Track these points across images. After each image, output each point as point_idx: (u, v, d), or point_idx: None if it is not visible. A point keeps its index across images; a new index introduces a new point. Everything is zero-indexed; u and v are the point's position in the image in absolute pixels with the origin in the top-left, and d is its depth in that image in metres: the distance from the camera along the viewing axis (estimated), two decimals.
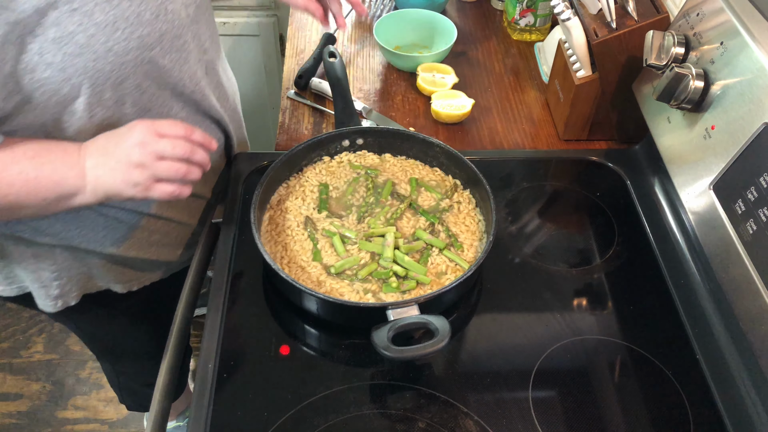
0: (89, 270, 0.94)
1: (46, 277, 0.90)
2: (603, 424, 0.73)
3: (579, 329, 0.82)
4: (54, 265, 0.89)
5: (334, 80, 1.03)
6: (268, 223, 0.90)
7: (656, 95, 0.83)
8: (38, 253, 0.88)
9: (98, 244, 0.90)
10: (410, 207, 0.92)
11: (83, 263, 0.92)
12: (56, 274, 0.90)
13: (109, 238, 0.91)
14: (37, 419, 1.75)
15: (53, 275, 0.90)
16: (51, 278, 0.90)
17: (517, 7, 1.31)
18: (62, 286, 0.92)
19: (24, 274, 0.91)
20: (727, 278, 0.74)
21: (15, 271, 0.91)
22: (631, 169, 1.02)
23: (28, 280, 0.91)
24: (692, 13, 0.85)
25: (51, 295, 0.92)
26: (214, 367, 0.77)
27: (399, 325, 0.73)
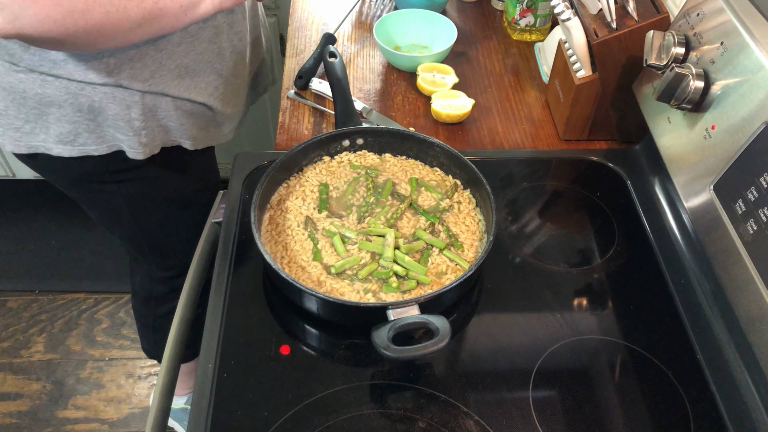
0: (167, 122, 1.03)
1: (137, 126, 0.99)
2: (603, 424, 0.73)
3: (579, 329, 0.82)
4: (142, 115, 0.98)
5: (334, 80, 1.03)
6: (268, 223, 0.90)
7: (656, 95, 0.83)
8: (131, 103, 0.96)
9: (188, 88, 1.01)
10: (410, 207, 0.92)
11: (163, 113, 1.01)
12: (144, 123, 0.99)
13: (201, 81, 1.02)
14: (37, 419, 1.75)
15: (142, 124, 0.99)
16: (140, 127, 0.99)
17: (517, 7, 1.31)
18: (148, 135, 1.01)
19: (115, 127, 0.98)
20: (727, 278, 0.75)
21: (106, 129, 0.99)
22: (631, 169, 1.02)
23: (121, 132, 0.99)
24: (692, 13, 0.85)
25: (142, 143, 1.01)
26: (214, 367, 0.77)
27: (399, 325, 0.73)
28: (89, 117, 0.97)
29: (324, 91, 1.19)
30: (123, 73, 0.93)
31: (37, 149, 1.00)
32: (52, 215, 2.21)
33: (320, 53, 1.23)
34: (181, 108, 1.02)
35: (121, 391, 1.81)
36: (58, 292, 2.02)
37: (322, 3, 1.45)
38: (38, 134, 0.98)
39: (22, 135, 0.98)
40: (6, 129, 0.98)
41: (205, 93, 1.03)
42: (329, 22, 1.39)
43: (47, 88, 0.92)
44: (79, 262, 2.11)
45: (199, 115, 1.06)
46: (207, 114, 1.07)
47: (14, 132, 0.98)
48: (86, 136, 0.99)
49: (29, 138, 0.99)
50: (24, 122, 0.97)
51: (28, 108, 0.95)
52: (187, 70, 0.99)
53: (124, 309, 1.99)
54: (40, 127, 0.97)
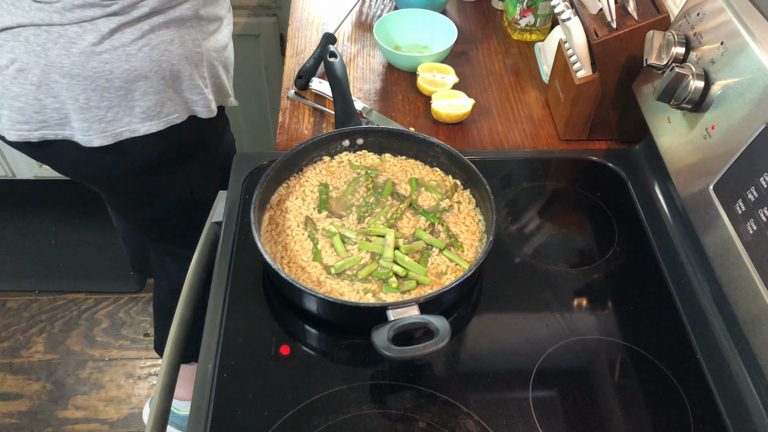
0: (216, 77, 1.10)
1: (203, 85, 1.05)
2: (603, 424, 0.73)
3: (579, 329, 0.82)
4: (206, 72, 1.06)
5: (334, 80, 1.03)
6: (268, 223, 0.90)
7: (656, 95, 0.83)
8: (197, 62, 1.03)
9: None
10: (410, 207, 0.92)
11: (214, 69, 1.09)
12: (207, 82, 1.06)
13: None
14: (37, 419, 1.75)
15: (206, 82, 1.06)
16: (204, 85, 1.06)
17: (517, 7, 1.31)
18: (212, 92, 1.09)
19: (190, 89, 1.04)
20: (727, 278, 0.74)
21: (182, 94, 1.05)
22: (631, 169, 1.02)
23: (195, 92, 1.05)
24: (692, 13, 0.85)
25: (210, 100, 1.08)
26: (214, 367, 0.77)
27: (399, 325, 0.73)
28: (171, 83, 1.01)
29: (324, 91, 1.19)
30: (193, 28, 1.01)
31: (122, 135, 1.01)
32: (52, 215, 2.21)
33: (320, 53, 1.23)
34: (221, 59, 1.10)
35: (121, 391, 1.81)
36: (58, 292, 2.02)
37: (322, 3, 1.45)
38: (122, 118, 1.00)
39: (107, 125, 1.00)
40: (91, 123, 0.99)
41: (226, 34, 1.11)
42: (329, 22, 1.39)
43: (132, 62, 0.94)
44: (79, 262, 2.11)
45: (228, 65, 1.14)
46: (229, 61, 1.15)
47: (99, 123, 0.99)
48: (169, 105, 1.02)
49: (114, 126, 1.00)
50: (107, 110, 0.98)
51: (113, 91, 0.96)
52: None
53: (124, 309, 1.99)
54: (123, 110, 0.99)
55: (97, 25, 0.92)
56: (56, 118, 0.99)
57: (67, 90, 0.95)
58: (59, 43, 0.91)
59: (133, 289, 2.03)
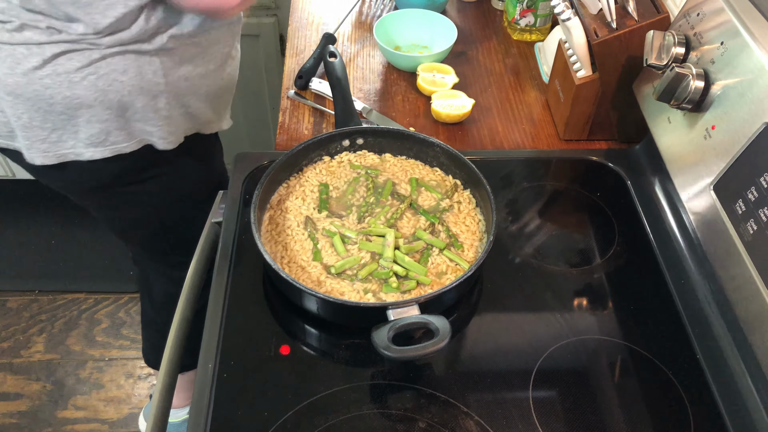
0: (188, 107, 1.05)
1: (163, 116, 1.01)
2: (603, 424, 0.73)
3: (579, 329, 0.82)
4: (168, 104, 1.00)
5: (334, 80, 1.03)
6: (268, 223, 0.90)
7: (656, 95, 0.83)
8: (156, 93, 0.97)
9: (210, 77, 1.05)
10: (410, 207, 0.92)
11: (186, 98, 1.03)
12: (169, 111, 1.01)
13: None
14: (37, 419, 1.75)
15: (168, 114, 1.01)
16: (166, 116, 1.01)
17: (517, 7, 1.31)
18: (174, 122, 1.03)
19: (144, 119, 0.99)
20: (727, 278, 0.74)
21: (134, 124, 1.00)
22: (631, 169, 1.02)
23: (149, 123, 1.00)
24: (692, 13, 0.85)
25: (170, 132, 1.03)
26: (214, 367, 0.77)
27: (399, 325, 0.73)
28: (119, 113, 0.97)
29: (324, 91, 1.19)
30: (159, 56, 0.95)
31: (67, 157, 0.99)
32: (52, 215, 2.21)
33: (320, 53, 1.23)
34: (199, 88, 1.04)
35: (121, 391, 1.80)
36: (58, 292, 2.02)
37: (322, 3, 1.45)
38: (66, 141, 0.98)
39: (50, 145, 0.98)
40: (33, 142, 0.97)
41: (219, 60, 1.05)
42: (329, 22, 1.39)
43: (75, 89, 0.92)
44: (79, 262, 2.11)
45: (214, 93, 1.09)
46: (218, 88, 1.10)
47: (41, 143, 0.97)
48: (116, 134, 0.99)
49: (57, 147, 0.98)
50: (50, 131, 0.96)
51: (56, 114, 0.94)
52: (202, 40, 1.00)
53: (124, 309, 1.99)
54: (68, 133, 0.97)
55: (43, 49, 0.89)
56: (5, 131, 0.99)
57: (11, 107, 0.94)
58: (6, 61, 0.90)
59: (133, 289, 2.03)
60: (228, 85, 1.12)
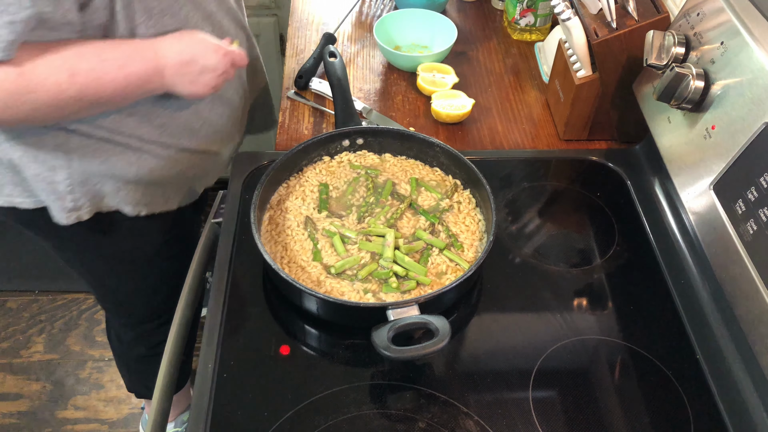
0: (101, 187, 0.96)
1: (61, 191, 0.92)
2: (603, 424, 0.73)
3: (579, 329, 0.82)
4: (69, 179, 0.92)
5: (334, 80, 1.03)
6: (268, 223, 0.90)
7: (656, 95, 0.83)
8: (55, 166, 0.90)
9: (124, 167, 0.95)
10: (410, 207, 0.92)
11: (97, 178, 0.95)
12: (70, 188, 0.93)
13: (135, 165, 0.95)
14: (37, 419, 1.74)
15: (68, 189, 0.93)
16: (65, 191, 0.93)
17: (517, 7, 1.31)
18: (76, 200, 0.94)
19: (40, 186, 0.93)
20: (727, 278, 0.74)
21: (30, 185, 0.93)
22: (631, 169, 1.02)
23: (44, 193, 0.93)
24: (692, 12, 0.85)
25: (66, 208, 0.94)
26: (214, 367, 0.77)
27: (399, 325, 0.73)
28: (12, 170, 0.92)
29: (324, 91, 1.19)
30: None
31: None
32: None
33: (320, 53, 1.23)
34: (121, 174, 0.95)
35: (120, 391, 1.80)
36: (58, 292, 2.02)
37: (322, 3, 1.45)
38: None
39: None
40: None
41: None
42: (329, 22, 1.39)
43: None
44: None
45: (146, 179, 0.98)
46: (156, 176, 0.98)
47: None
48: (11, 187, 0.94)
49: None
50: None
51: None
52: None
53: None
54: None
55: None
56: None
57: None
58: None
59: None
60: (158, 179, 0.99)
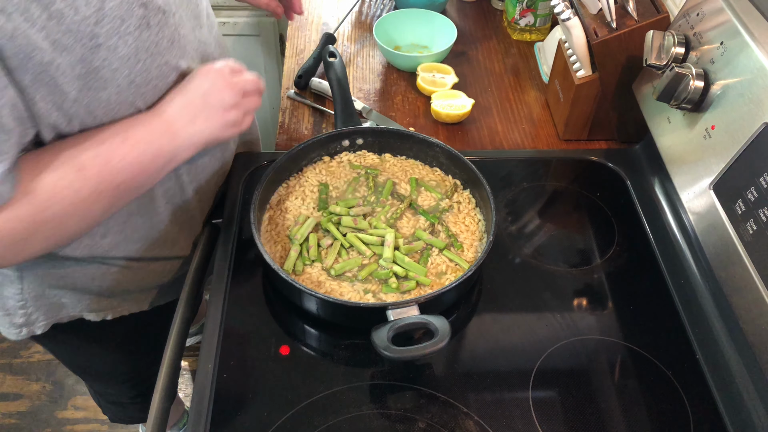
0: (59, 299, 0.90)
1: (11, 306, 0.87)
2: (603, 424, 0.73)
3: (579, 329, 0.82)
4: (20, 294, 0.86)
5: (334, 80, 1.03)
6: (268, 223, 0.90)
7: (656, 95, 0.83)
8: (2, 282, 0.85)
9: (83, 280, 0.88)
10: (410, 207, 0.92)
11: (54, 291, 0.89)
12: (22, 303, 0.87)
13: (93, 278, 0.89)
14: (37, 419, 1.75)
15: (18, 304, 0.87)
16: (16, 306, 0.87)
17: (517, 7, 1.31)
18: (28, 315, 0.89)
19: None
20: (727, 278, 0.74)
21: None
22: (631, 169, 1.02)
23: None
24: (692, 13, 0.85)
25: (15, 324, 0.89)
26: (214, 367, 0.77)
27: (399, 325, 0.73)
28: None
29: (324, 91, 1.19)
30: None
31: None
32: None
33: (320, 53, 1.23)
34: (82, 287, 0.89)
35: None
36: None
37: (322, 3, 1.45)
38: None
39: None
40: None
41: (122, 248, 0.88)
42: (329, 22, 1.39)
43: None
44: None
45: (111, 290, 0.92)
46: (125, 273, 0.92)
47: None
48: None
49: None
50: None
51: None
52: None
53: None
54: None
55: None
56: None
57: None
58: None
59: None
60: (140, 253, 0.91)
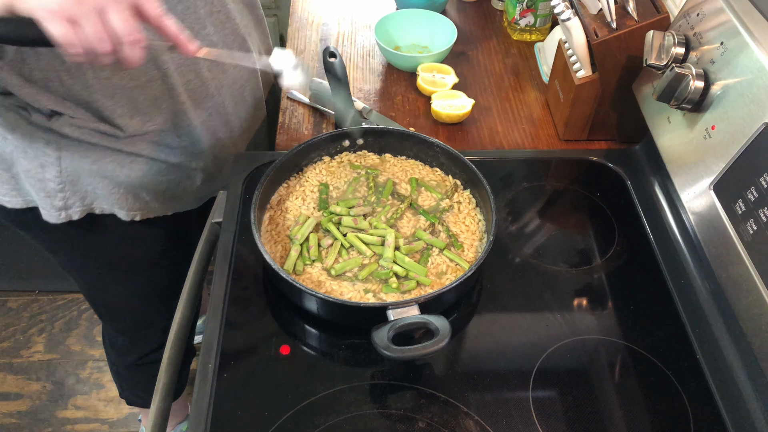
0: (93, 188, 0.94)
1: (51, 188, 0.91)
2: (603, 424, 0.73)
3: (579, 329, 0.82)
4: (59, 177, 0.90)
5: (334, 80, 1.03)
6: (268, 223, 0.90)
7: (656, 95, 0.83)
8: (45, 163, 0.89)
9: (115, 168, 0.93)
10: (410, 207, 0.92)
11: (88, 178, 0.93)
12: (61, 186, 0.91)
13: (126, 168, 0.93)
14: (37, 419, 1.75)
15: (58, 187, 0.91)
16: (56, 189, 0.91)
17: (517, 7, 1.31)
18: (66, 199, 0.93)
19: (30, 183, 0.91)
20: (727, 278, 0.74)
21: (21, 182, 0.92)
22: (631, 169, 1.02)
23: (34, 190, 0.92)
24: (692, 13, 0.85)
25: (55, 206, 0.93)
26: (214, 367, 0.77)
27: (399, 325, 0.73)
28: (3, 166, 0.91)
29: (324, 91, 1.19)
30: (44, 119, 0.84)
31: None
32: None
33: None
34: (112, 176, 0.93)
35: None
36: (58, 292, 2.02)
37: (322, 3, 1.45)
38: None
39: None
40: None
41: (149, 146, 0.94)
42: (329, 22, 1.39)
43: None
44: None
45: (139, 183, 0.96)
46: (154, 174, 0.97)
47: None
48: (0, 185, 0.94)
49: None
50: None
51: None
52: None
53: None
54: None
55: None
56: None
57: None
58: None
59: None
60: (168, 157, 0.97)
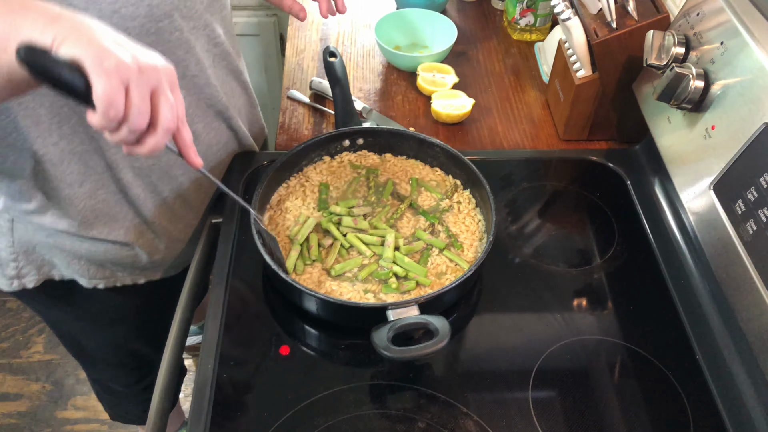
0: (50, 257, 0.91)
1: (2, 257, 0.89)
2: (603, 424, 0.73)
3: (579, 329, 0.82)
4: (11, 247, 0.88)
5: (334, 80, 1.03)
6: (268, 223, 0.90)
7: (656, 95, 0.83)
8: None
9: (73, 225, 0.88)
10: (410, 207, 0.92)
11: (44, 249, 0.90)
12: (13, 256, 0.89)
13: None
14: (37, 419, 1.74)
15: (10, 256, 0.89)
16: (8, 259, 0.89)
17: (517, 6, 1.31)
18: (19, 268, 0.91)
19: None
20: (727, 278, 0.74)
21: None
22: (631, 169, 1.02)
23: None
24: (692, 12, 0.85)
25: (6, 275, 0.91)
26: (214, 367, 0.77)
27: (399, 326, 0.73)
28: None
29: (324, 91, 1.19)
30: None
31: None
32: None
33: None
34: (71, 250, 0.90)
35: None
36: None
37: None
38: None
39: None
40: None
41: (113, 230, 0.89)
42: (329, 22, 1.39)
43: None
44: None
45: (100, 258, 0.92)
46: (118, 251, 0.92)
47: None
48: None
49: None
50: None
51: None
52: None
53: None
54: None
55: None
56: None
57: None
58: None
59: None
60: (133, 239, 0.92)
